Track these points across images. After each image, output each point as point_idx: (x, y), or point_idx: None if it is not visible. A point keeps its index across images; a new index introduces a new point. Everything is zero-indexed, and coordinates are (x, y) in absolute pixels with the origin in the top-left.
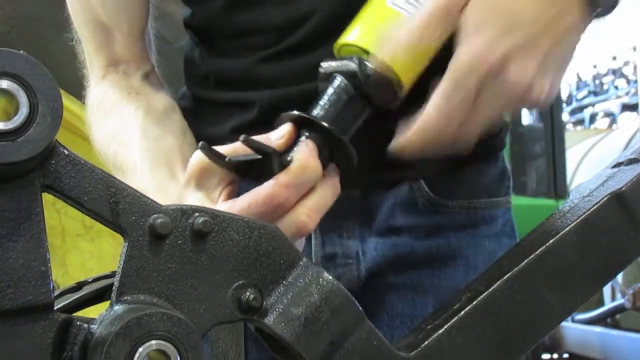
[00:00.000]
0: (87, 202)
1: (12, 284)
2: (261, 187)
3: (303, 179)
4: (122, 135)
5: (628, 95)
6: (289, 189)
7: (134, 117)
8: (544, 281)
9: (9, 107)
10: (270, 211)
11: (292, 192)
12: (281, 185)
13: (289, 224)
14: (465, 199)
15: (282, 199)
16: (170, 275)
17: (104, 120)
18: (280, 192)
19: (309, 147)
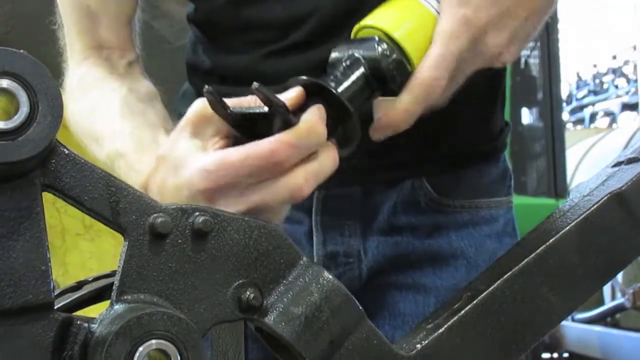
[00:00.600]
0: (88, 201)
1: (12, 283)
2: (263, 141)
3: (308, 141)
4: (102, 108)
5: (628, 94)
6: (292, 148)
7: (117, 93)
8: (544, 280)
9: (9, 107)
10: (267, 168)
11: (294, 152)
12: (285, 143)
13: (284, 186)
14: (467, 199)
15: (282, 156)
16: (171, 274)
17: (82, 97)
18: (282, 150)
19: (320, 111)
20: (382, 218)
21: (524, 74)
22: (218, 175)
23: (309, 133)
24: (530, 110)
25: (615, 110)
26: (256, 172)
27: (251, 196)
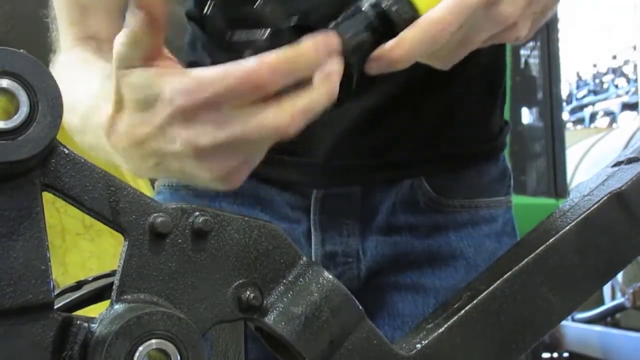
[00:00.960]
0: (87, 201)
1: (12, 283)
2: (243, 61)
3: (295, 65)
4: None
5: (628, 94)
6: (274, 72)
7: (102, 70)
8: (544, 280)
9: (9, 106)
10: (248, 90)
11: (277, 77)
12: (266, 63)
13: (268, 120)
14: (467, 198)
15: (264, 78)
16: (171, 274)
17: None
18: (263, 70)
19: (318, 40)
20: (381, 218)
21: (524, 73)
22: (196, 93)
23: (297, 56)
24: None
25: (615, 110)
26: (236, 93)
27: (232, 125)
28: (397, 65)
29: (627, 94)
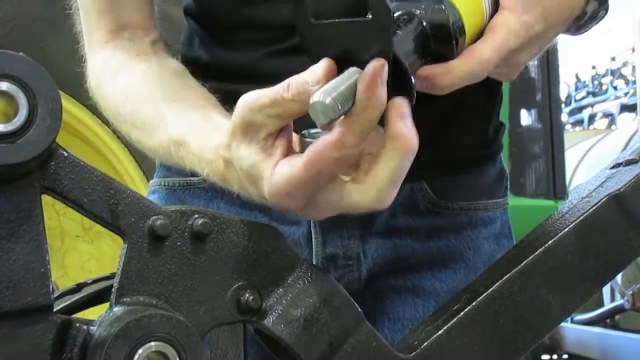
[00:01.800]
0: (87, 203)
1: (11, 285)
2: (325, 136)
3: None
4: (137, 91)
5: (627, 96)
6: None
7: (149, 73)
8: (543, 282)
9: (9, 109)
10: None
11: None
12: (343, 132)
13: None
14: (466, 201)
15: (347, 145)
16: (170, 276)
17: (112, 81)
18: (344, 138)
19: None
20: (381, 220)
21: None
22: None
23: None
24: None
25: (614, 112)
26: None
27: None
28: (440, 90)
29: (626, 96)
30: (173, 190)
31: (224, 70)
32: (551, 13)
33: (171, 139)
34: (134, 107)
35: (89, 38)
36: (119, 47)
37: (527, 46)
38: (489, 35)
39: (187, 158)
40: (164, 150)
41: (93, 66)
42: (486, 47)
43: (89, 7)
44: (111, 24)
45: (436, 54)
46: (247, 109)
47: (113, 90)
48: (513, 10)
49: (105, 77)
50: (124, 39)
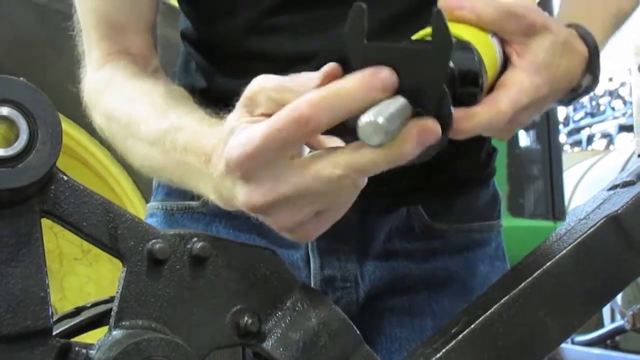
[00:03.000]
0: (86, 227)
1: (11, 309)
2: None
3: (337, 101)
4: (141, 97)
5: (625, 116)
6: (315, 108)
7: (155, 87)
8: (542, 304)
9: (9, 134)
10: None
11: (320, 113)
12: (305, 101)
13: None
14: (460, 223)
15: (304, 117)
16: (169, 300)
17: (115, 93)
18: (302, 109)
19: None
20: (377, 244)
21: None
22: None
23: (339, 91)
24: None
25: (613, 132)
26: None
27: (287, 180)
28: (459, 134)
29: (624, 116)
30: (172, 214)
31: (222, 97)
32: (556, 79)
33: (172, 126)
34: (132, 106)
35: (89, 58)
36: (122, 66)
37: (531, 107)
38: (504, 89)
39: (181, 140)
40: (159, 139)
41: (90, 86)
42: (504, 99)
43: (89, 31)
44: (111, 47)
45: (459, 99)
46: (255, 85)
47: (113, 100)
48: (525, 70)
49: (106, 93)
50: (126, 61)
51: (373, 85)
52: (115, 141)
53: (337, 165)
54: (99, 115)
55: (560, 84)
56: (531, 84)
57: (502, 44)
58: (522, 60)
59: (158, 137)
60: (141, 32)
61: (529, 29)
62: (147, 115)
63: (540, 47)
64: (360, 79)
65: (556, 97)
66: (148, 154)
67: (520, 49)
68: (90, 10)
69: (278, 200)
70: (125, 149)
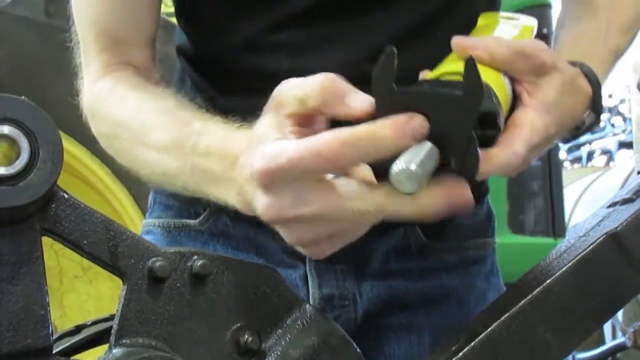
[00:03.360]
0: (87, 245)
1: (11, 327)
2: (319, 135)
3: (369, 144)
4: (148, 105)
5: (625, 132)
6: (346, 148)
7: (162, 95)
8: (542, 321)
9: (10, 152)
10: (317, 165)
11: (349, 154)
12: (337, 140)
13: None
14: (456, 241)
15: (333, 155)
16: (169, 318)
17: (120, 102)
18: (333, 147)
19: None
20: (374, 264)
21: None
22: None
23: (371, 135)
24: None
25: (612, 149)
26: (309, 165)
27: (309, 201)
28: (478, 176)
29: (624, 133)
30: (169, 231)
31: (218, 113)
32: (564, 118)
33: (194, 130)
34: (144, 119)
35: (87, 70)
36: (123, 77)
37: (540, 146)
38: (517, 129)
39: (199, 148)
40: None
41: (92, 92)
42: (518, 140)
43: (89, 41)
44: (112, 58)
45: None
46: (283, 87)
47: (120, 110)
48: (536, 110)
49: (108, 102)
50: (128, 71)
51: (406, 132)
52: (121, 149)
53: (369, 204)
54: (100, 125)
55: (566, 123)
56: (542, 123)
57: (512, 83)
58: (533, 100)
59: (175, 142)
60: (142, 45)
61: (540, 68)
62: (160, 122)
63: (551, 87)
64: (394, 125)
65: (561, 136)
66: (161, 160)
67: (531, 88)
68: (89, 21)
69: (295, 218)
70: (132, 157)
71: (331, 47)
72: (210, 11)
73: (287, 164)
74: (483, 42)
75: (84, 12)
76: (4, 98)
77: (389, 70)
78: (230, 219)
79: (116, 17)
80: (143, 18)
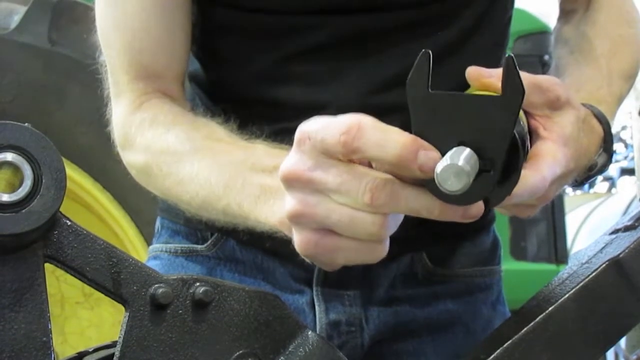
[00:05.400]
0: (89, 272)
1: (13, 354)
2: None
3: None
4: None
5: (627, 159)
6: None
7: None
8: (545, 348)
9: (14, 179)
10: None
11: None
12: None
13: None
14: (462, 268)
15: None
16: (171, 345)
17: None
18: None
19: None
20: (381, 290)
21: None
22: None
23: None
24: None
25: (614, 175)
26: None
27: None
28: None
29: (626, 159)
30: (175, 256)
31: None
32: (580, 154)
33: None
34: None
35: (118, 100)
36: (164, 104)
37: (561, 180)
38: (539, 158)
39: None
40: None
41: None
42: (544, 166)
43: (120, 72)
44: (147, 87)
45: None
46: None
47: (167, 136)
48: (555, 142)
49: (155, 127)
50: (166, 99)
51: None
52: (162, 176)
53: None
54: (138, 154)
55: (582, 160)
56: (562, 155)
57: (527, 117)
58: (551, 133)
59: (230, 161)
60: (175, 79)
61: (555, 102)
62: (211, 145)
63: (566, 121)
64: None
65: (575, 175)
66: (209, 180)
67: (546, 122)
68: (121, 51)
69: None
70: (175, 183)
71: (344, 79)
72: (226, 43)
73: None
74: (498, 71)
75: (114, 42)
76: (8, 125)
77: (423, 73)
78: (237, 244)
79: (151, 53)
80: (176, 54)
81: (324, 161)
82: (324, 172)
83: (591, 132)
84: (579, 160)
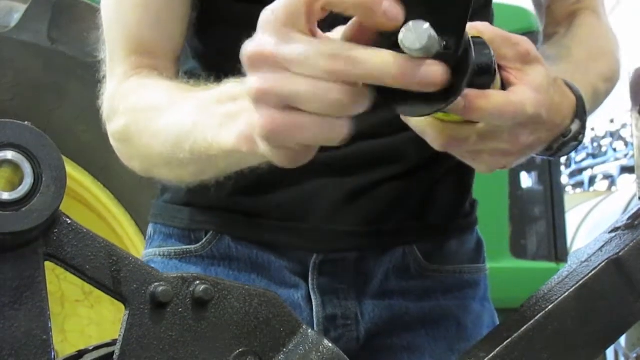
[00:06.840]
0: (89, 270)
1: (13, 352)
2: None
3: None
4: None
5: (626, 157)
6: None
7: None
8: (545, 347)
9: (14, 178)
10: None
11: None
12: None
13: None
14: (451, 264)
15: None
16: (171, 343)
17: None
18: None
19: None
20: (375, 283)
21: None
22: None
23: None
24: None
25: (614, 173)
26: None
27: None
28: (472, 113)
29: (626, 157)
30: (169, 259)
31: None
32: (552, 109)
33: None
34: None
35: (112, 73)
36: (151, 76)
37: (530, 126)
38: (512, 90)
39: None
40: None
41: (116, 91)
42: (514, 95)
43: (117, 45)
44: (141, 62)
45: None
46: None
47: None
48: (526, 86)
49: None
50: (156, 73)
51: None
52: (138, 133)
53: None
54: (120, 118)
55: (555, 117)
56: (534, 97)
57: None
58: (522, 81)
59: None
60: (169, 58)
61: (525, 56)
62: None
63: (537, 73)
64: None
65: (548, 134)
66: (177, 119)
67: (517, 74)
68: (120, 26)
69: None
70: (148, 136)
71: None
72: (226, 36)
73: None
74: (472, 23)
75: (116, 17)
76: (8, 123)
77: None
78: (232, 240)
79: (149, 27)
80: (174, 31)
81: (287, 36)
82: (287, 45)
83: (562, 95)
84: (550, 113)
